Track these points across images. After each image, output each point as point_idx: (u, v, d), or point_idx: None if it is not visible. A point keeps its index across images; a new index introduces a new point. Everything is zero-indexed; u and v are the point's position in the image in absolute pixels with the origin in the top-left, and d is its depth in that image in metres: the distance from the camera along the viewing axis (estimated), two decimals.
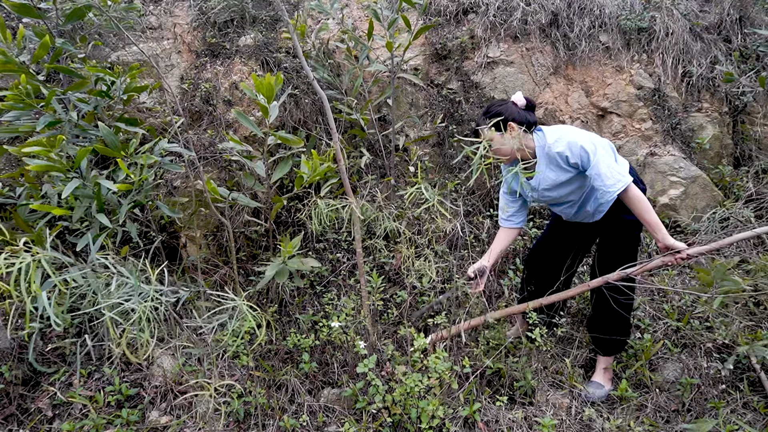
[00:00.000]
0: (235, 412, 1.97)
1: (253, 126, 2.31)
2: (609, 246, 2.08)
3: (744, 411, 2.00)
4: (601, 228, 2.10)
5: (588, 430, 1.94)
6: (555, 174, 1.93)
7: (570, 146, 1.83)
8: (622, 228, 2.02)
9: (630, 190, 1.82)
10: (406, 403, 1.84)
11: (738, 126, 3.65)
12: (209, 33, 3.30)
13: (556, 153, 1.86)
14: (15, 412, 1.96)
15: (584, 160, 1.83)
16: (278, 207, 2.45)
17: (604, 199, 1.86)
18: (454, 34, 3.57)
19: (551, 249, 2.28)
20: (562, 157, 1.86)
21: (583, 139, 1.83)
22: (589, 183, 1.92)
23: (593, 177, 1.84)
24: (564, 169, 1.90)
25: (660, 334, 2.48)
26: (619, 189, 1.80)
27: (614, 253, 2.06)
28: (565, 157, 1.85)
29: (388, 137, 3.17)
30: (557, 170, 1.92)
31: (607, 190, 1.81)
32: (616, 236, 2.05)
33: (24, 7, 1.94)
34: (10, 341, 2.14)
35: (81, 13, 2.00)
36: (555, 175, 1.93)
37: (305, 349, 2.16)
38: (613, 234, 2.05)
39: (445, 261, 2.81)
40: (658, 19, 3.55)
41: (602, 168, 1.81)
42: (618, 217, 1.99)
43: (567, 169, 1.89)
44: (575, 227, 2.20)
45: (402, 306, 2.61)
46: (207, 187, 2.25)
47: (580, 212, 2.06)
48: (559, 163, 1.88)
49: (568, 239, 2.24)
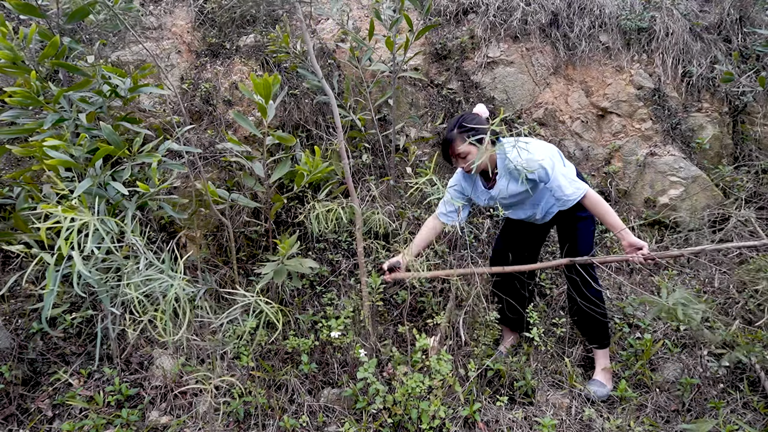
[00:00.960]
0: (235, 412, 1.97)
1: (251, 126, 2.31)
2: (567, 241, 2.18)
3: (744, 411, 2.00)
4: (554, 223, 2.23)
5: (588, 430, 1.94)
6: (514, 186, 2.02)
7: (529, 164, 1.90)
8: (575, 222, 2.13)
9: (589, 196, 1.95)
10: (407, 404, 1.84)
11: (738, 126, 3.65)
12: (209, 33, 3.30)
13: (515, 169, 1.92)
14: (15, 412, 1.96)
15: (542, 176, 1.95)
16: (278, 206, 2.45)
17: (563, 206, 2.00)
18: (454, 34, 3.57)
19: (511, 247, 2.35)
20: (521, 173, 1.92)
21: (540, 155, 1.93)
22: (544, 190, 2.04)
23: (553, 189, 1.97)
24: (523, 182, 1.99)
25: (660, 334, 2.48)
26: (579, 196, 1.93)
27: (572, 247, 2.15)
28: (524, 174, 1.92)
29: (389, 137, 3.17)
30: (516, 183, 2.01)
31: (568, 198, 1.94)
32: (572, 230, 2.14)
33: (26, 6, 1.94)
34: (10, 341, 2.14)
35: (84, 12, 2.00)
36: (514, 188, 2.03)
37: (305, 351, 2.16)
38: (569, 228, 2.15)
39: (445, 261, 2.81)
40: (658, 19, 3.55)
41: (561, 180, 1.94)
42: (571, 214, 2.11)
43: (525, 182, 1.98)
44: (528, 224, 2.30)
45: (402, 306, 2.61)
46: (207, 190, 2.25)
47: (530, 215, 2.17)
48: (521, 176, 1.95)
49: (523, 235, 2.34)
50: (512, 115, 3.48)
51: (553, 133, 3.53)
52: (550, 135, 3.51)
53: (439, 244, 2.91)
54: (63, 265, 1.51)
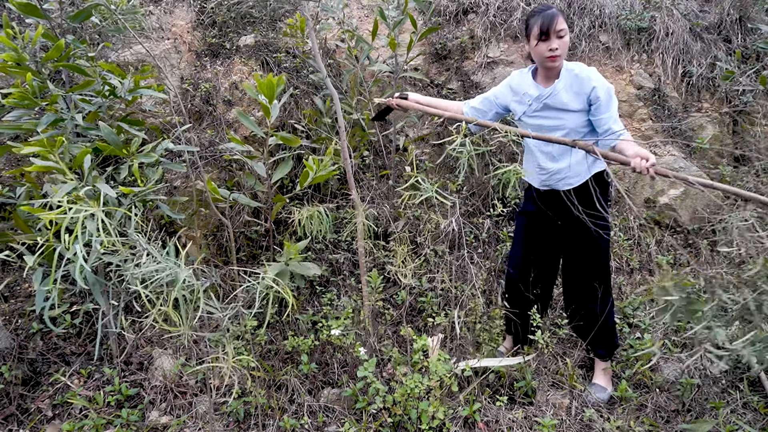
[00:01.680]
0: (235, 412, 1.97)
1: (254, 126, 2.31)
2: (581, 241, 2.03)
3: (744, 411, 2.00)
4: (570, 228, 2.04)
5: (588, 430, 1.94)
6: (568, 96, 1.89)
7: (602, 82, 1.83)
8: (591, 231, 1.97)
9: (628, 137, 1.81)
10: (407, 404, 1.84)
11: (738, 126, 3.65)
12: (209, 33, 3.29)
13: (587, 76, 1.84)
14: (15, 412, 1.96)
15: (603, 99, 1.83)
16: (279, 206, 2.45)
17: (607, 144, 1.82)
18: (454, 34, 3.57)
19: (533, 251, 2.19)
20: (587, 85, 1.83)
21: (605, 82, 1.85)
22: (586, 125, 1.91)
23: (604, 120, 1.83)
24: (580, 97, 1.87)
25: (660, 334, 2.48)
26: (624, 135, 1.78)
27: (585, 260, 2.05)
28: (592, 87, 1.83)
29: (389, 137, 3.17)
30: (573, 95, 1.88)
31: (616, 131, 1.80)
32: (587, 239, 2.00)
33: (29, 7, 1.94)
34: (10, 341, 2.14)
35: (87, 14, 2.00)
36: (567, 98, 1.89)
37: (305, 351, 2.16)
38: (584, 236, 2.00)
39: (445, 261, 2.81)
40: (658, 19, 3.55)
41: (615, 113, 1.84)
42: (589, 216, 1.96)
43: (581, 100, 1.86)
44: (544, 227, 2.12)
45: (402, 306, 2.61)
46: (208, 187, 2.25)
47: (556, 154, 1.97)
48: (582, 88, 1.85)
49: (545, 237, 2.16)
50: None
51: None
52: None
53: (439, 245, 2.91)
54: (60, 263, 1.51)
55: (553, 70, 1.91)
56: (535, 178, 2.08)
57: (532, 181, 2.11)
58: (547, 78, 1.95)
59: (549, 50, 1.83)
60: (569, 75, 1.89)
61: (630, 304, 2.71)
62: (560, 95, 1.89)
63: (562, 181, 1.99)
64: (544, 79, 1.96)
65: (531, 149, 2.06)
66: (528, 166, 2.10)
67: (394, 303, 2.68)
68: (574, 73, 1.88)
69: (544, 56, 1.85)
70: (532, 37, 1.86)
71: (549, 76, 1.94)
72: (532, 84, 1.98)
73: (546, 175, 2.02)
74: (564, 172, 1.98)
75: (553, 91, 1.91)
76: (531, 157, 2.07)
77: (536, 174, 2.06)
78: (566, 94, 1.89)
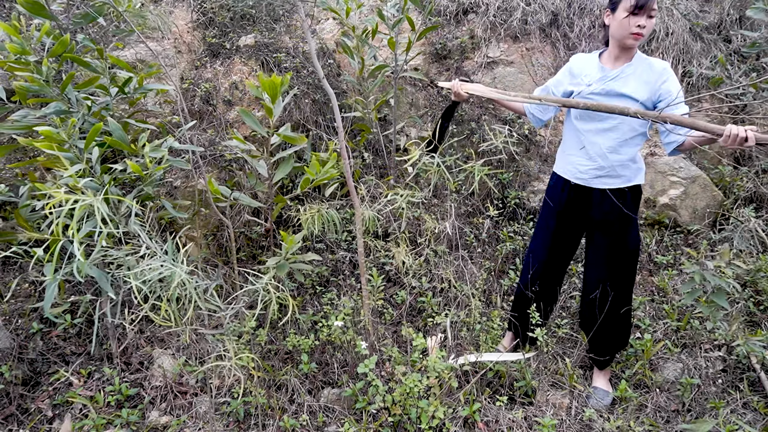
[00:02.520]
0: (235, 412, 1.97)
1: (257, 125, 2.31)
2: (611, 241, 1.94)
3: (744, 411, 2.00)
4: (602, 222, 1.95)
5: (588, 430, 1.94)
6: (635, 84, 1.76)
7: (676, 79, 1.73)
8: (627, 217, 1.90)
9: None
10: (406, 404, 1.84)
11: None
12: (209, 33, 3.30)
13: (663, 67, 1.74)
14: (15, 412, 1.96)
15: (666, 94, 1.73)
16: (280, 207, 2.45)
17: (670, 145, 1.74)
18: (454, 34, 3.57)
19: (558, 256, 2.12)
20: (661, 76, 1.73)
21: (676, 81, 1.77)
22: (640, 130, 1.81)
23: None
24: (649, 87, 1.75)
25: (660, 334, 2.48)
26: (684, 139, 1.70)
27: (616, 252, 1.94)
28: (665, 79, 1.73)
29: (389, 137, 3.17)
30: (641, 84, 1.76)
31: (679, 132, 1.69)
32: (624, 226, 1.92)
33: (37, 6, 1.95)
34: (10, 341, 2.14)
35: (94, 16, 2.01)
36: (635, 85, 1.76)
37: (305, 351, 2.16)
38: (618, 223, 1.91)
39: (445, 261, 2.81)
40: (658, 19, 3.55)
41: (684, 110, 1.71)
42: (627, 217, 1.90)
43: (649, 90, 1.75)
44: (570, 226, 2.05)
45: (402, 306, 2.61)
46: (208, 187, 2.25)
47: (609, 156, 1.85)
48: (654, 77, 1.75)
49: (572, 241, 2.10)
50: (512, 115, 3.48)
51: (553, 134, 3.53)
52: (550, 135, 3.51)
53: (439, 245, 2.92)
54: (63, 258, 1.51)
55: (629, 52, 1.79)
56: (571, 169, 1.96)
57: (565, 174, 1.99)
58: (617, 59, 1.82)
59: (637, 26, 1.71)
60: (642, 62, 1.78)
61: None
62: (628, 80, 1.78)
63: (600, 178, 1.88)
64: (613, 60, 1.83)
65: (578, 136, 1.92)
66: (568, 155, 1.97)
67: (394, 303, 2.68)
68: (648, 62, 1.78)
69: (629, 32, 1.72)
70: (620, 9, 1.72)
71: (620, 57, 1.82)
72: (597, 65, 1.86)
73: (588, 167, 1.90)
74: (606, 170, 1.87)
75: (621, 74, 1.79)
76: (576, 143, 1.93)
77: (574, 165, 1.94)
78: (635, 80, 1.77)
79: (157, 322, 1.51)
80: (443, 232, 2.91)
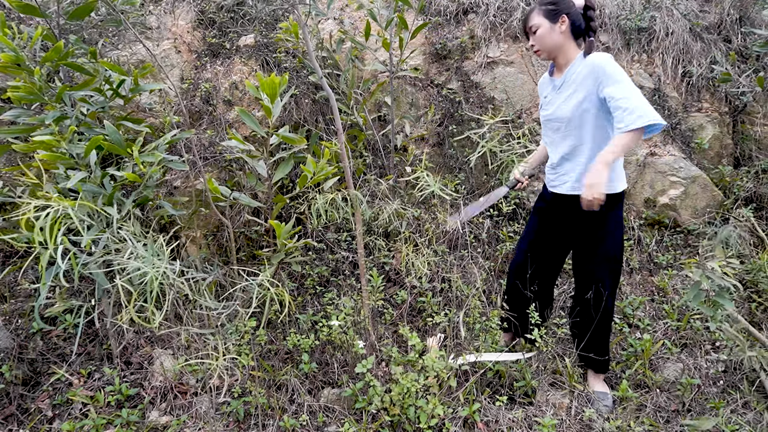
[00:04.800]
0: (235, 412, 1.97)
1: (256, 125, 2.31)
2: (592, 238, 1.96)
3: (744, 411, 2.00)
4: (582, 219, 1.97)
5: (588, 430, 1.94)
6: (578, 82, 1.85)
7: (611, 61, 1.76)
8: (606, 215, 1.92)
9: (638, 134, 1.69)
10: (404, 403, 1.84)
11: (738, 126, 3.65)
12: (209, 33, 3.30)
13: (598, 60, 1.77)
14: (15, 412, 1.96)
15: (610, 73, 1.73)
16: (280, 206, 2.45)
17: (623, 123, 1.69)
18: (454, 34, 3.57)
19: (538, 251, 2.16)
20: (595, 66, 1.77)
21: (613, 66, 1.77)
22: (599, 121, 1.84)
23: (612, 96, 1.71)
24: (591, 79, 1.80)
25: (660, 334, 2.48)
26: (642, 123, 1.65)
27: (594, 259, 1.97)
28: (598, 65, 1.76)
29: (388, 137, 3.17)
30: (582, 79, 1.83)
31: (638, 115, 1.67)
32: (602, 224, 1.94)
33: (28, 7, 1.94)
34: (10, 341, 2.14)
35: (85, 11, 2.00)
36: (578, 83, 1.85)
37: (305, 350, 2.16)
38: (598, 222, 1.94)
39: (445, 260, 2.81)
40: (658, 19, 3.55)
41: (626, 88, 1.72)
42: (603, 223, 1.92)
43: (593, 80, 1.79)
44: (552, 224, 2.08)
45: (402, 306, 2.61)
46: (209, 187, 2.25)
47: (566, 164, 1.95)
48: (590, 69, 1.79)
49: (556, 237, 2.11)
50: (512, 115, 3.48)
51: None
52: None
53: (439, 245, 2.92)
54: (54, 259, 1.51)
55: (561, 61, 1.94)
56: (546, 177, 2.11)
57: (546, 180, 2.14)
58: (559, 69, 1.98)
59: (531, 46, 1.94)
60: (581, 62, 1.87)
61: (630, 304, 2.71)
62: (570, 81, 1.89)
63: (565, 184, 1.97)
64: (556, 72, 2.00)
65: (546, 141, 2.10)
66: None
67: (394, 303, 2.68)
68: (586, 61, 1.84)
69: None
70: None
71: (560, 67, 1.96)
72: (548, 81, 2.04)
73: (553, 175, 2.04)
74: (568, 174, 1.95)
75: (565, 79, 1.92)
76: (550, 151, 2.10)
77: (546, 173, 2.10)
78: (576, 79, 1.87)
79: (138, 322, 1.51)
80: (444, 232, 2.91)
